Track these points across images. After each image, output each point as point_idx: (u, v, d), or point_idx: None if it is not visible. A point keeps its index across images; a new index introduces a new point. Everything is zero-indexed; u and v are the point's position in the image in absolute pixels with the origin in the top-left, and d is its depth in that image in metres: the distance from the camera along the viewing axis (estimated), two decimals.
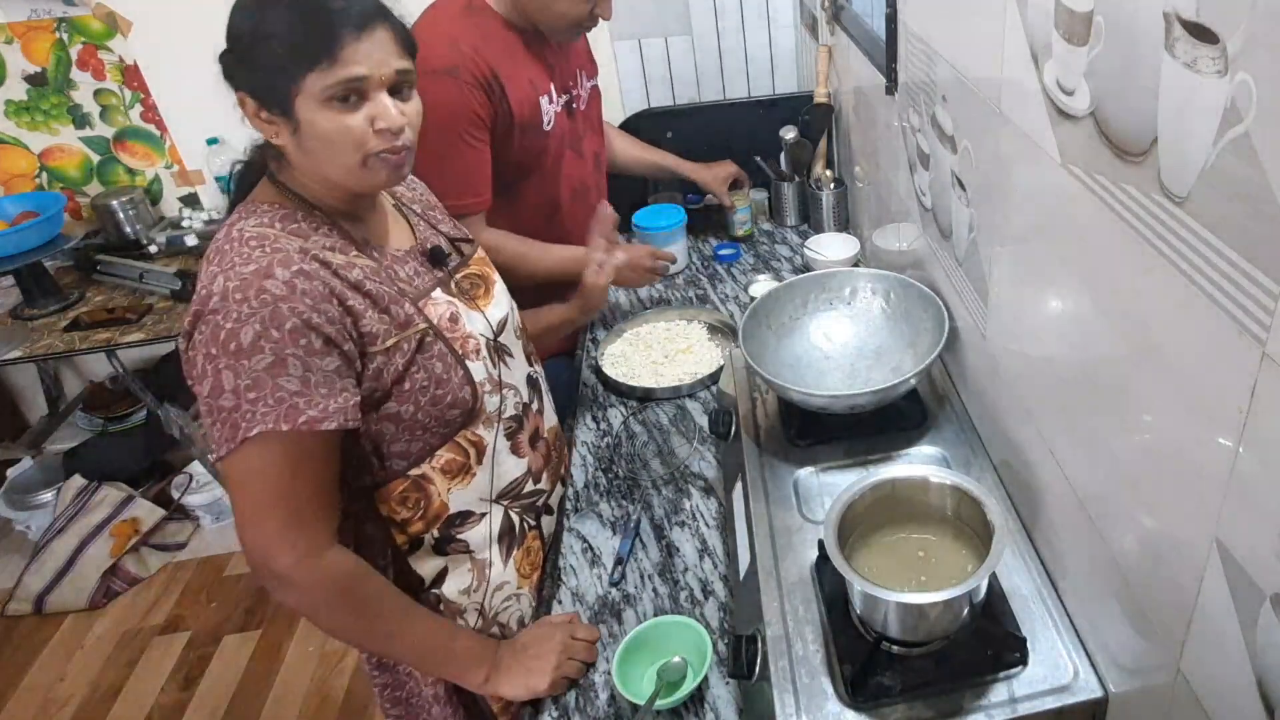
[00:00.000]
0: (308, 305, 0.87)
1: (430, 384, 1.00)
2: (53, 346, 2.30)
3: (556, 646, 1.06)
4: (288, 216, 0.94)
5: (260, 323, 0.84)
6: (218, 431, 0.86)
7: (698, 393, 1.57)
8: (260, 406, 0.85)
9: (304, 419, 0.86)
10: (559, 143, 1.56)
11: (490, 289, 1.16)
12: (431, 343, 1.00)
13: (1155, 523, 0.72)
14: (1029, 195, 0.91)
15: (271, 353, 0.85)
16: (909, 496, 0.96)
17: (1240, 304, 0.54)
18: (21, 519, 2.72)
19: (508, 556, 1.15)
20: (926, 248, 1.35)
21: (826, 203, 2.00)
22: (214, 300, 0.85)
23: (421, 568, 1.09)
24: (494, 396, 1.08)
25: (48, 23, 2.45)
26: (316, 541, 0.91)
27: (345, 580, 0.94)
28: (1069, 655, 0.90)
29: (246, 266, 0.86)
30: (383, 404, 0.97)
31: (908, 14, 1.31)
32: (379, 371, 0.95)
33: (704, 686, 1.03)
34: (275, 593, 0.93)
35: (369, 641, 1.03)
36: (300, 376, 0.86)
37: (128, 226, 2.62)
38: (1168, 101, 0.60)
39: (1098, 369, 0.79)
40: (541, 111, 1.49)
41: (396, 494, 1.04)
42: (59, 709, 2.26)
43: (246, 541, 0.90)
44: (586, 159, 1.66)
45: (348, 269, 0.94)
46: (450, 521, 1.08)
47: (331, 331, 0.89)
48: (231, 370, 0.85)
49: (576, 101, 1.60)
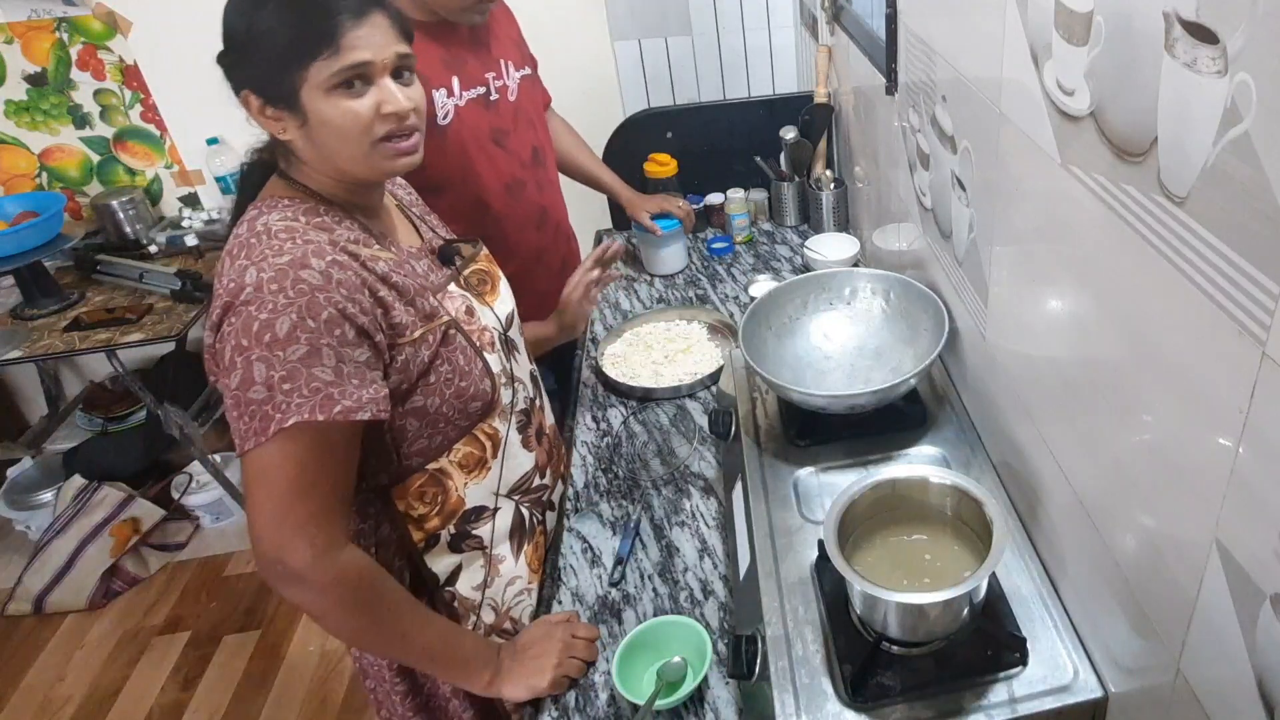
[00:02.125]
0: (343, 295, 0.87)
1: (454, 376, 1.00)
2: (53, 346, 2.30)
3: (556, 645, 1.06)
4: (310, 210, 0.94)
5: (297, 312, 0.84)
6: (245, 424, 0.84)
7: (698, 393, 1.57)
8: (295, 397, 0.84)
9: (339, 409, 0.85)
10: (470, 139, 1.51)
11: (496, 285, 1.17)
12: (454, 335, 1.01)
13: (1155, 523, 0.72)
14: (1029, 195, 0.91)
15: (307, 343, 0.84)
16: (909, 496, 0.96)
17: (1240, 304, 0.54)
18: (21, 519, 2.72)
19: (519, 551, 1.16)
20: (926, 248, 1.35)
21: (826, 203, 2.00)
22: (246, 291, 0.84)
23: (436, 565, 1.09)
24: (508, 389, 1.10)
25: (48, 23, 2.45)
26: (334, 538, 0.90)
27: (360, 579, 0.93)
28: (1069, 655, 0.90)
29: (280, 257, 0.86)
30: (409, 397, 0.97)
31: (908, 14, 1.31)
32: (406, 364, 0.95)
33: (704, 686, 1.03)
34: (286, 591, 0.91)
35: (379, 643, 1.01)
36: (334, 367, 0.86)
37: (128, 226, 2.62)
38: (1168, 101, 0.60)
39: (1098, 369, 0.79)
40: (436, 106, 1.44)
41: (415, 489, 1.04)
42: (59, 709, 2.27)
43: (264, 536, 0.87)
44: (516, 153, 1.60)
45: (373, 261, 0.94)
46: (466, 517, 1.09)
47: (365, 322, 0.89)
48: (264, 362, 0.83)
49: (500, 93, 1.55)
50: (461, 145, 1.51)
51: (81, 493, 2.63)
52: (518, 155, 1.61)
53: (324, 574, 0.89)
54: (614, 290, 1.97)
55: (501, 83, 1.55)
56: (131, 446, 2.85)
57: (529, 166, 1.64)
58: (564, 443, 1.48)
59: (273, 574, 0.89)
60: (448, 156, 1.50)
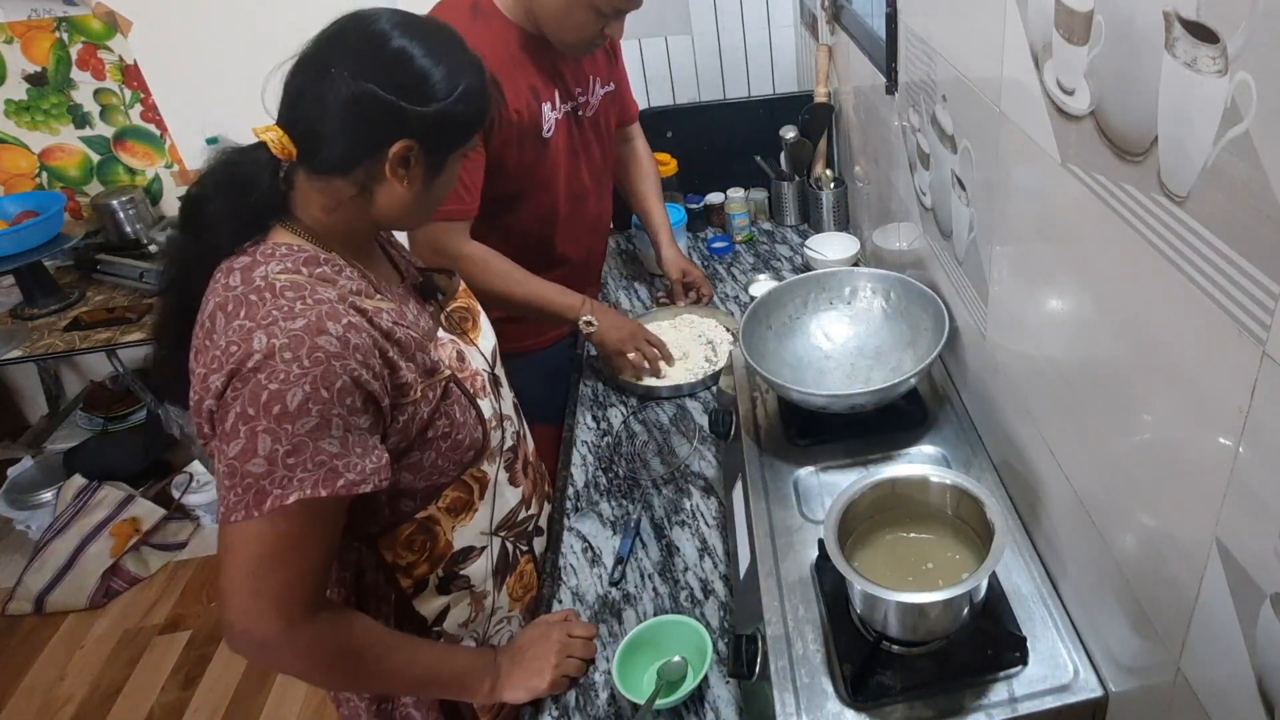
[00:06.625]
0: (358, 361, 0.83)
1: (451, 430, 0.97)
2: (53, 346, 2.30)
3: (554, 645, 1.06)
4: (311, 260, 0.89)
5: (310, 383, 0.80)
6: (236, 496, 0.80)
7: (698, 393, 1.57)
8: (299, 472, 0.80)
9: (342, 483, 0.82)
10: (560, 150, 1.54)
11: (478, 321, 1.14)
12: (452, 389, 0.98)
13: (1155, 522, 0.72)
14: (1029, 195, 0.91)
15: (318, 415, 0.80)
16: (909, 496, 0.96)
17: (1240, 304, 0.54)
18: (22, 518, 2.72)
19: (501, 585, 1.14)
20: (926, 247, 1.35)
21: (826, 202, 2.00)
22: (255, 358, 0.79)
23: (425, 608, 1.06)
24: (497, 431, 1.07)
25: (48, 22, 2.45)
26: (310, 605, 0.86)
27: (336, 636, 0.90)
28: (1069, 655, 0.90)
29: (293, 322, 0.81)
30: (407, 455, 0.94)
31: (908, 14, 1.31)
32: (406, 425, 0.91)
33: (704, 686, 1.03)
34: (258, 660, 0.87)
35: (371, 686, 0.99)
36: (340, 439, 0.82)
37: (128, 226, 2.62)
38: (1168, 101, 0.60)
39: (1098, 369, 0.79)
40: (542, 119, 1.47)
41: (403, 538, 1.01)
42: (59, 709, 2.27)
43: (233, 605, 0.83)
44: (590, 167, 1.64)
45: (378, 315, 0.90)
46: (454, 559, 1.06)
47: (375, 388, 0.85)
48: (270, 434, 0.79)
49: (584, 109, 1.57)
50: (556, 158, 1.53)
51: (82, 492, 2.63)
52: (588, 168, 1.63)
53: (299, 640, 0.85)
54: (614, 290, 1.97)
55: (586, 99, 1.56)
56: (131, 446, 2.85)
57: (595, 180, 1.66)
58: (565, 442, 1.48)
59: (239, 643, 0.85)
60: (542, 169, 1.52)
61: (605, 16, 1.37)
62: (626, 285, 1.98)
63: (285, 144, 0.87)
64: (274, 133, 0.87)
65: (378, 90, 0.85)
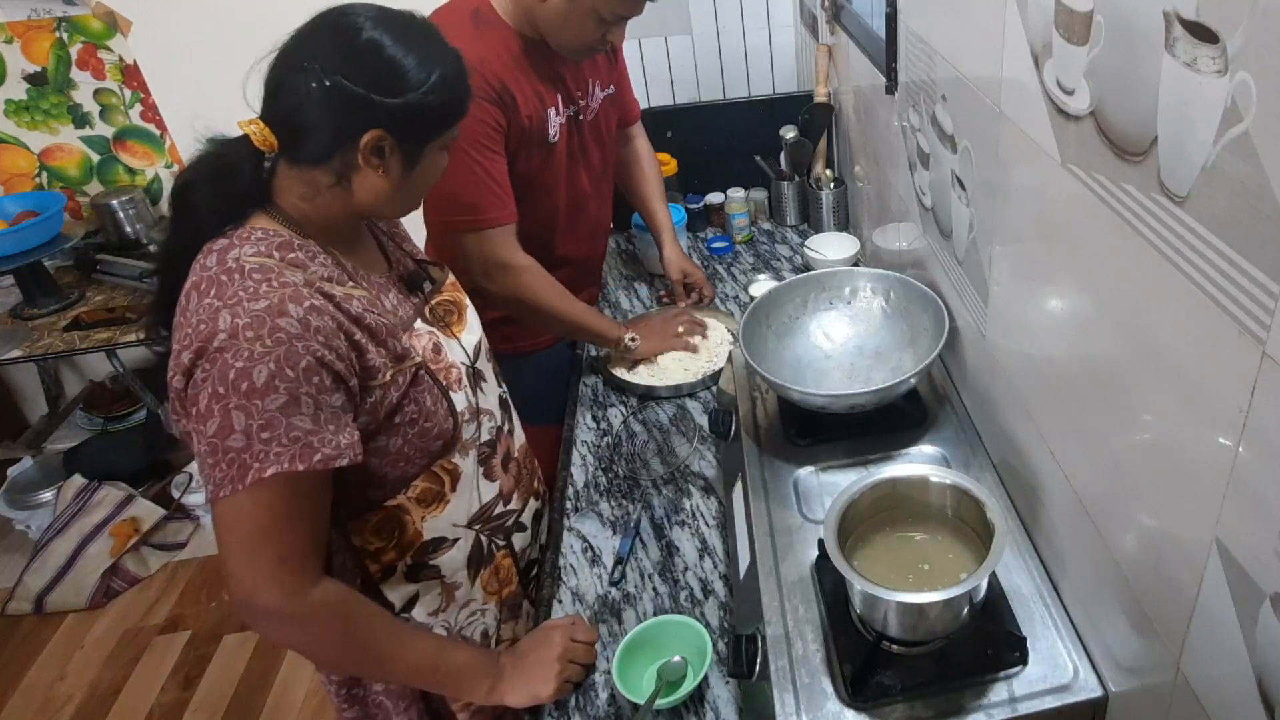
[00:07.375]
0: (320, 342, 0.86)
1: (419, 417, 0.99)
2: (53, 346, 2.30)
3: (557, 651, 1.05)
4: (285, 245, 0.92)
5: (275, 362, 0.82)
6: (221, 472, 0.83)
7: (698, 392, 1.57)
8: (274, 446, 0.83)
9: (319, 457, 0.85)
10: (563, 154, 1.54)
11: (463, 315, 1.15)
12: (422, 376, 1.00)
13: (1155, 523, 0.72)
14: (1029, 195, 0.91)
15: (286, 392, 0.83)
16: (909, 496, 0.96)
17: (1240, 304, 0.54)
18: (21, 518, 2.72)
19: (474, 578, 1.15)
20: (926, 247, 1.35)
21: (826, 202, 2.00)
22: (220, 337, 0.82)
23: (393, 594, 1.07)
24: (471, 424, 1.08)
25: (48, 22, 2.45)
26: (305, 579, 0.90)
27: (337, 610, 0.93)
28: (1069, 655, 0.90)
29: (256, 303, 0.84)
30: (374, 438, 0.96)
31: (908, 14, 1.31)
32: (375, 406, 0.94)
33: (704, 686, 1.03)
34: (265, 631, 0.90)
35: (367, 668, 1.01)
36: (312, 415, 0.85)
37: (128, 226, 2.62)
38: (1168, 101, 0.60)
39: (1097, 368, 0.79)
40: (548, 124, 1.47)
41: (371, 525, 1.02)
42: (59, 709, 2.26)
43: (236, 579, 0.87)
44: (589, 171, 1.63)
45: (347, 301, 0.92)
46: (424, 549, 1.07)
47: (341, 368, 0.88)
48: (243, 410, 0.82)
49: (584, 113, 1.56)
50: (559, 163, 1.54)
51: (81, 492, 2.63)
52: (587, 172, 1.63)
53: (298, 611, 0.89)
54: (614, 290, 1.97)
55: (586, 102, 1.56)
56: (131, 446, 2.85)
57: (595, 183, 1.66)
58: (565, 442, 1.48)
59: (246, 615, 0.89)
60: (546, 174, 1.52)
61: (607, 22, 1.37)
62: (626, 285, 1.98)
63: (266, 136, 0.90)
64: (256, 125, 0.90)
65: (345, 81, 0.87)
